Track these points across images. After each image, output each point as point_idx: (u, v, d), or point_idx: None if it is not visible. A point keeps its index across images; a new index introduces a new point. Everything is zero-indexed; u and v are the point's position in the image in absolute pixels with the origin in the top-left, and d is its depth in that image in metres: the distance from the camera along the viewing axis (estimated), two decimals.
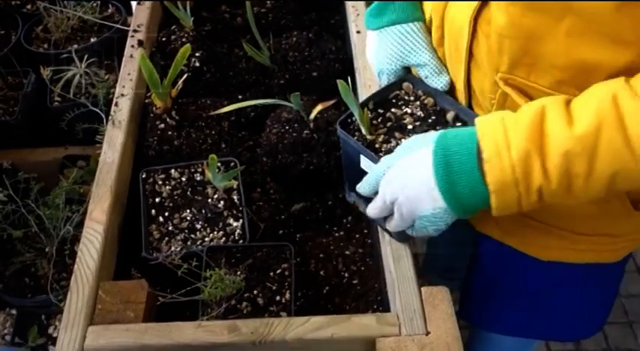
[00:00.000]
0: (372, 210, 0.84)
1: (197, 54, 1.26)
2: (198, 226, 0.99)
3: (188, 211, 1.01)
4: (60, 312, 0.90)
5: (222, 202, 1.01)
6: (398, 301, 0.84)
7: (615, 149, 0.65)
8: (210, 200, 1.02)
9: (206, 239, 0.97)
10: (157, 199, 1.03)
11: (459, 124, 0.87)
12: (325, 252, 1.05)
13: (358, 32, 1.24)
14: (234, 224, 0.99)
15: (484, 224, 1.00)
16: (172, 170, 1.06)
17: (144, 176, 1.05)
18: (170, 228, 0.99)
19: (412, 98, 0.92)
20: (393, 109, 0.91)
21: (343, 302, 0.98)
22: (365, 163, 0.86)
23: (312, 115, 1.10)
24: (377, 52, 0.95)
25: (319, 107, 1.09)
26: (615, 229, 0.92)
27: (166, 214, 1.01)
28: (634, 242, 0.97)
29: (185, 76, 1.19)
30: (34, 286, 1.06)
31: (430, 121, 0.88)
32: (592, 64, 0.70)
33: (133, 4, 1.38)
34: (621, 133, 0.64)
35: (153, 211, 1.01)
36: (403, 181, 0.76)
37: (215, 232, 0.98)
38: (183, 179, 1.05)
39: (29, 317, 1.06)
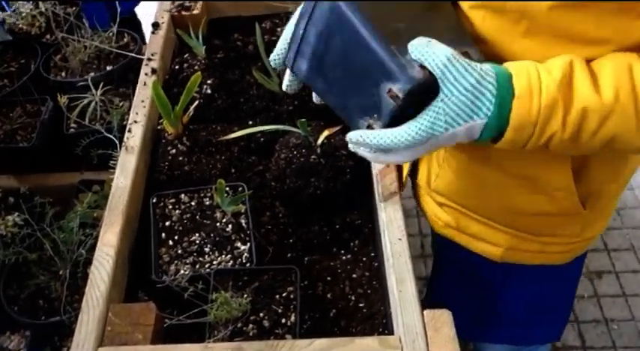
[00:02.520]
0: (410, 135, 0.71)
1: (209, 81, 1.29)
2: (207, 250, 1.01)
3: (197, 234, 1.03)
4: (72, 334, 0.92)
5: (230, 225, 1.04)
6: (401, 323, 0.85)
7: (626, 116, 0.70)
8: (218, 224, 1.04)
9: (214, 262, 0.99)
10: (167, 223, 1.05)
11: None
12: (332, 275, 1.06)
13: None
14: (242, 248, 1.01)
15: (440, 226, 1.09)
16: (182, 195, 1.09)
17: (154, 201, 1.08)
18: (179, 251, 1.01)
19: None
20: None
21: (349, 325, 0.99)
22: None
23: (319, 141, 1.12)
24: None
25: (326, 133, 1.12)
26: (564, 229, 1.00)
27: (176, 237, 1.03)
28: (582, 243, 1.04)
29: (196, 102, 1.22)
30: (48, 308, 1.09)
31: None
32: None
33: (147, 33, 1.42)
34: (633, 101, 0.69)
35: (163, 234, 1.04)
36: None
37: (223, 256, 1.00)
38: (193, 203, 1.08)
39: (43, 339, 1.08)
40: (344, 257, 1.10)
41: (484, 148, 0.82)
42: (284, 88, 0.83)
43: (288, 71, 0.81)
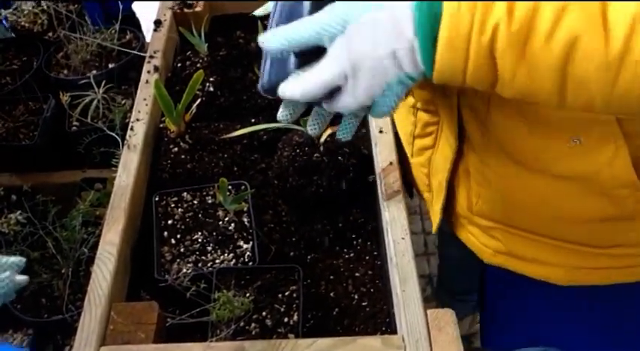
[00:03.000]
0: (321, 77, 0.63)
1: (211, 79, 1.29)
2: (209, 248, 1.01)
3: (199, 233, 1.03)
4: (75, 332, 0.92)
5: (232, 224, 1.03)
6: (404, 323, 0.85)
7: (589, 12, 0.53)
8: (221, 223, 1.04)
9: (217, 261, 0.99)
10: (170, 222, 1.05)
11: None
12: (335, 273, 1.06)
13: None
14: (245, 246, 1.01)
15: (489, 254, 0.97)
16: (185, 193, 1.08)
17: (157, 199, 1.07)
18: (182, 250, 1.01)
19: None
20: None
21: (352, 324, 0.99)
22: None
23: (322, 139, 1.12)
24: None
25: (329, 131, 1.11)
26: (633, 237, 0.85)
27: (178, 236, 1.03)
28: None
29: (199, 100, 1.22)
30: (51, 306, 1.09)
31: None
32: None
33: (146, 30, 1.42)
34: None
35: (165, 233, 1.03)
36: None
37: (225, 254, 1.00)
38: (195, 202, 1.07)
39: (45, 337, 1.08)
40: (347, 256, 1.09)
41: (525, 150, 0.77)
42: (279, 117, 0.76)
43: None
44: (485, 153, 0.83)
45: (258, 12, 0.93)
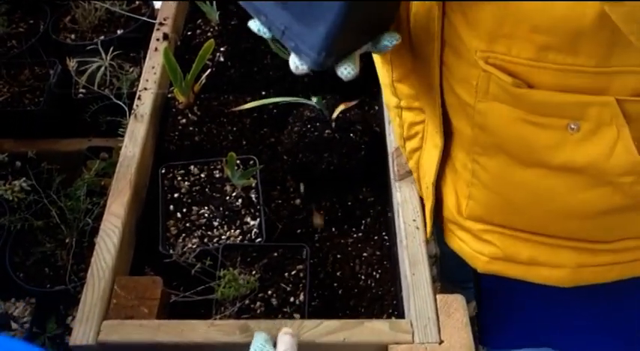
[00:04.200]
0: None
1: (222, 49, 1.26)
2: (216, 224, 0.99)
3: (206, 207, 1.01)
4: (78, 303, 0.91)
5: (240, 200, 1.01)
6: (412, 307, 0.83)
7: None
8: (228, 198, 1.02)
9: (223, 237, 0.97)
10: (176, 195, 1.03)
11: None
12: (343, 253, 1.04)
13: None
14: (252, 223, 0.99)
15: (484, 262, 0.89)
16: (192, 166, 1.06)
17: (163, 171, 1.05)
18: (187, 224, 0.99)
19: None
20: None
21: (358, 305, 0.97)
22: None
23: (335, 115, 1.09)
24: None
25: (341, 107, 1.08)
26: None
27: (184, 210, 1.01)
28: None
29: (208, 71, 1.19)
30: (54, 276, 1.07)
31: None
32: (576, 20, 0.59)
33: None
34: None
35: (171, 206, 1.02)
36: None
37: (232, 230, 0.98)
38: (203, 175, 1.05)
39: (48, 307, 1.07)
40: (355, 235, 1.07)
41: (519, 142, 0.71)
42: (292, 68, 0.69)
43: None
44: (475, 148, 0.77)
45: None
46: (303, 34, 0.61)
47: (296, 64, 0.65)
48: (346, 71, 0.66)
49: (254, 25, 0.66)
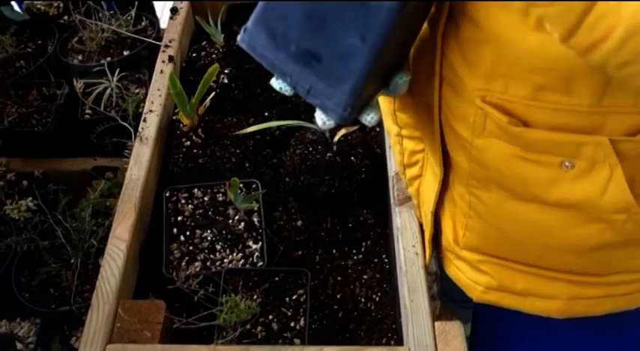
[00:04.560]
0: None
1: (226, 70, 1.28)
2: (218, 247, 1.00)
3: (209, 231, 1.03)
4: (82, 324, 0.92)
5: (242, 223, 1.03)
6: (411, 334, 0.84)
7: None
8: (231, 221, 1.03)
9: (225, 260, 0.99)
10: (179, 218, 1.05)
11: None
12: (343, 275, 1.05)
13: None
14: (254, 246, 1.00)
15: (480, 292, 0.90)
16: (196, 189, 1.08)
17: (167, 195, 1.07)
18: (190, 248, 1.01)
19: None
20: None
21: (358, 328, 0.99)
22: None
23: (336, 138, 1.11)
24: None
25: (343, 131, 1.10)
26: (631, 263, 0.81)
27: (188, 233, 1.03)
28: None
29: (213, 94, 1.21)
30: (59, 296, 1.09)
31: None
32: (569, 61, 0.60)
33: (160, 15, 1.40)
34: None
35: (175, 229, 1.03)
36: None
37: (234, 254, 1.00)
38: (206, 199, 1.07)
39: (52, 327, 1.09)
40: (355, 257, 1.08)
41: (514, 178, 0.72)
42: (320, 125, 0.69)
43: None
44: (472, 181, 0.78)
45: None
46: (329, 92, 0.63)
47: (323, 120, 0.66)
48: (369, 117, 0.67)
49: (276, 83, 0.68)
